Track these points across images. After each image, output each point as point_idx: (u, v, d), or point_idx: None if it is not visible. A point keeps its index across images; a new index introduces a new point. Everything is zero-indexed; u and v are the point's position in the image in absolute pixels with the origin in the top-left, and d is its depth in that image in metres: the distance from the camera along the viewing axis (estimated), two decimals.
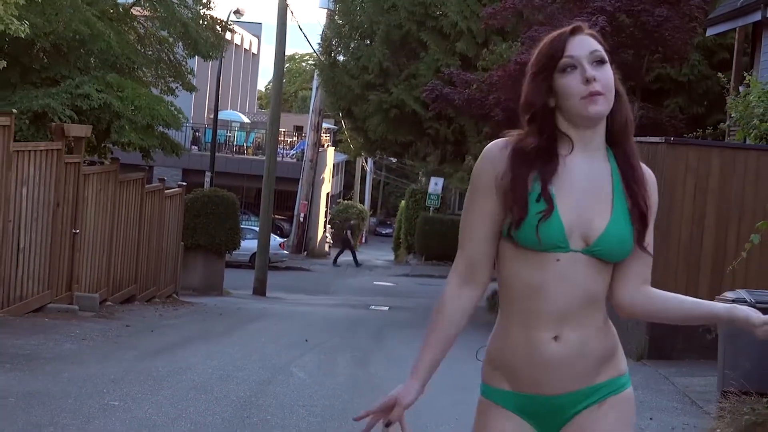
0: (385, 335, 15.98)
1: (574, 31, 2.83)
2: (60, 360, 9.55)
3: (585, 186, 2.82)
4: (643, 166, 2.93)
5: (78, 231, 14.94)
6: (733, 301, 8.38)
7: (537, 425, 2.87)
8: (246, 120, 49.55)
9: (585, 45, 2.80)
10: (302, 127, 56.12)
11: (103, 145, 18.65)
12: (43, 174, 13.56)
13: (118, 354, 10.50)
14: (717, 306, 2.89)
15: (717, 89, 20.34)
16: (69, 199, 14.60)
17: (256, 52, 60.25)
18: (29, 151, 13.13)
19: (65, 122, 15.03)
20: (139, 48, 18.70)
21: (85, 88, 15.77)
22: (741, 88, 15.90)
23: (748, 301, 8.12)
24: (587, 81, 2.75)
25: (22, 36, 12.81)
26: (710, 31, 20.79)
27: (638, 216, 2.83)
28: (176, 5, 18.45)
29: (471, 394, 3.03)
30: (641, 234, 2.84)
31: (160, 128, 17.84)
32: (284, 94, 77.40)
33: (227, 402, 7.98)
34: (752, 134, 13.06)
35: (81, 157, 14.95)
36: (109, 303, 16.39)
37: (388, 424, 2.73)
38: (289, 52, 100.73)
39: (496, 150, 2.84)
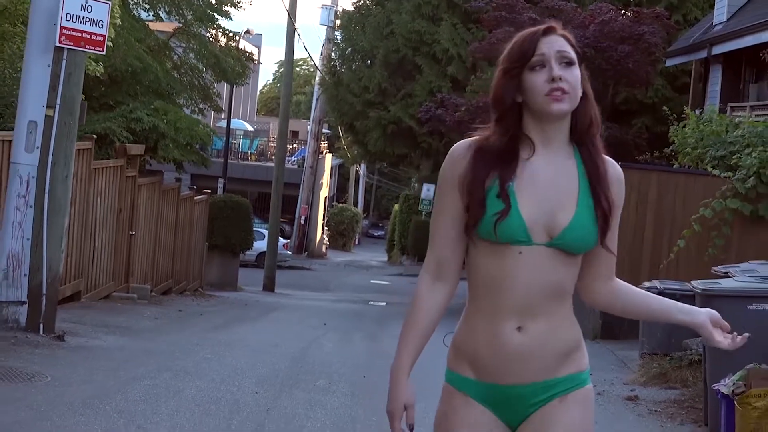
0: (388, 322, 18.89)
1: (547, 32, 2.87)
2: (148, 331, 12.62)
3: (548, 182, 2.87)
4: (611, 162, 2.97)
5: (133, 232, 17.97)
6: (648, 289, 11.50)
7: (499, 414, 2.92)
8: (250, 128, 52.63)
9: (555, 44, 2.85)
10: (298, 132, 59.01)
11: (142, 158, 21.70)
12: (110, 186, 16.58)
13: (187, 329, 13.60)
14: (679, 313, 2.98)
15: (678, 110, 23.33)
16: (127, 206, 17.63)
17: (256, 61, 63.25)
18: (102, 168, 16.16)
19: (123, 143, 18.09)
20: (175, 75, 21.76)
21: (137, 113, 18.85)
22: (697, 111, 18.89)
23: (659, 288, 11.19)
24: (552, 80, 2.80)
25: (98, 75, 15.79)
26: (669, 62, 23.95)
27: (601, 215, 2.87)
28: (208, 38, 21.51)
29: (436, 378, 3.20)
30: (604, 232, 2.89)
31: (197, 146, 20.90)
32: (278, 98, 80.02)
33: (283, 358, 11.07)
34: (686, 159, 16.13)
35: (136, 171, 18.00)
36: (153, 294, 19.39)
37: (411, 428, 2.92)
38: (283, 56, 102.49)
39: (460, 150, 2.91)
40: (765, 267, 9.61)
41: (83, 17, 10.29)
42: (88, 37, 10.47)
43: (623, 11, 23.68)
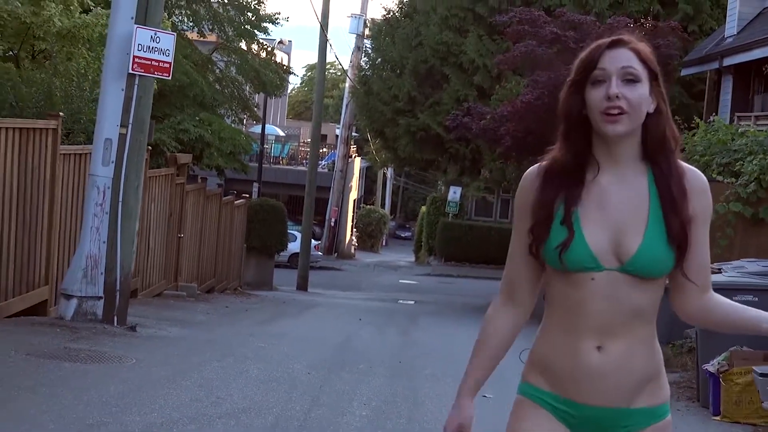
0: (417, 319, 20.26)
1: (613, 44, 2.77)
2: (203, 324, 14.04)
3: (617, 204, 2.77)
4: (693, 172, 2.81)
5: (182, 235, 19.43)
6: None
7: (570, 428, 2.87)
8: (281, 133, 54.19)
9: (619, 59, 2.75)
10: (326, 135, 60.40)
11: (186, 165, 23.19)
12: (163, 192, 18.02)
13: (237, 323, 15.02)
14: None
15: (694, 117, 24.44)
16: (177, 210, 19.08)
17: (293, 73, 64.93)
18: (156, 176, 17.61)
19: (173, 152, 19.54)
20: (217, 87, 23.24)
21: (184, 125, 20.32)
22: (711, 118, 20.10)
23: None
24: (609, 98, 2.70)
25: None
26: (684, 72, 25.19)
27: (674, 240, 2.75)
28: (247, 53, 22.97)
29: (508, 391, 3.16)
30: (681, 255, 2.77)
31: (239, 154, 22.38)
32: (306, 102, 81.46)
33: (327, 346, 12.46)
34: (695, 166, 17.34)
35: (185, 178, 19.45)
36: (198, 292, 20.83)
37: None
38: (312, 60, 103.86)
39: (531, 177, 2.86)
40: (753, 264, 10.91)
41: (152, 47, 11.72)
42: (157, 64, 11.91)
43: (641, 22, 24.88)
